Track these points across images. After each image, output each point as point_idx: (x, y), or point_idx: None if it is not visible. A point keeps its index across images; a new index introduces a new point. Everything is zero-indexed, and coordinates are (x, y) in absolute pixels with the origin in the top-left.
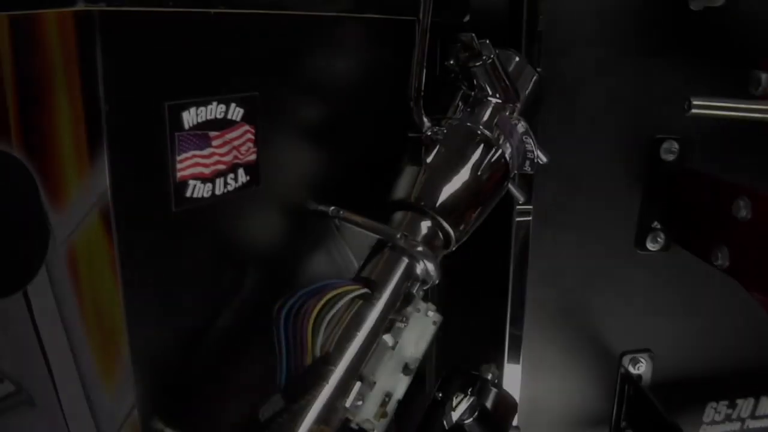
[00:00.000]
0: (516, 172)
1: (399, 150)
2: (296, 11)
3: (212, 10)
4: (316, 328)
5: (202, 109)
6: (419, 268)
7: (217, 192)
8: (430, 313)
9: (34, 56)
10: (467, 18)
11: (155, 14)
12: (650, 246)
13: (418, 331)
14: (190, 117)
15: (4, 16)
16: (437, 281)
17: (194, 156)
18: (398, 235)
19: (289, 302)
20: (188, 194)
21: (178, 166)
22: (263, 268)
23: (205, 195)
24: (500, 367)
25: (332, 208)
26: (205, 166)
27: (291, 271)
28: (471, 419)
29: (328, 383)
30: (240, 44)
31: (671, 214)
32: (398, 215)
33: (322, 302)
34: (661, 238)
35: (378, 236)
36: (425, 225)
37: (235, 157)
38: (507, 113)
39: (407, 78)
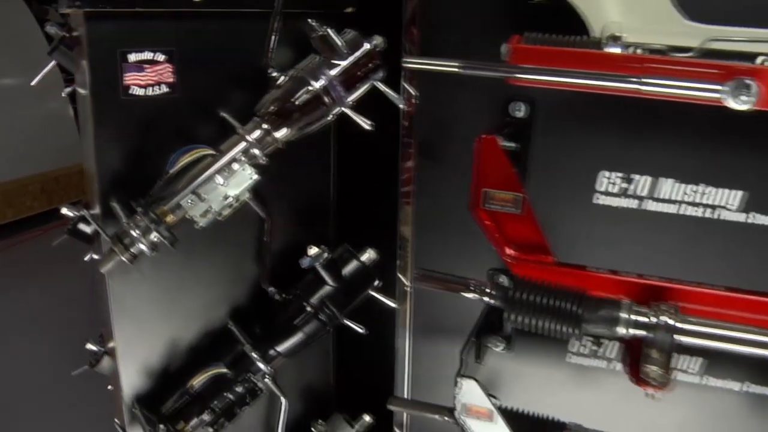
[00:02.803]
0: (342, 108)
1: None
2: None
3: (138, 9)
4: (180, 165)
5: (140, 54)
6: (253, 150)
7: (148, 94)
8: (252, 174)
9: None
10: (350, 9)
11: (109, 12)
12: None
13: (239, 180)
14: (132, 57)
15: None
16: (264, 161)
17: (134, 75)
18: (240, 129)
19: (177, 152)
20: (130, 92)
21: (125, 78)
22: (175, 135)
23: (140, 94)
24: (394, 256)
25: (223, 114)
26: (141, 80)
27: (193, 141)
28: (319, 264)
29: (165, 183)
30: (163, 24)
31: None
32: (254, 118)
33: (189, 154)
34: None
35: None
36: (262, 126)
37: (160, 78)
38: (332, 69)
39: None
